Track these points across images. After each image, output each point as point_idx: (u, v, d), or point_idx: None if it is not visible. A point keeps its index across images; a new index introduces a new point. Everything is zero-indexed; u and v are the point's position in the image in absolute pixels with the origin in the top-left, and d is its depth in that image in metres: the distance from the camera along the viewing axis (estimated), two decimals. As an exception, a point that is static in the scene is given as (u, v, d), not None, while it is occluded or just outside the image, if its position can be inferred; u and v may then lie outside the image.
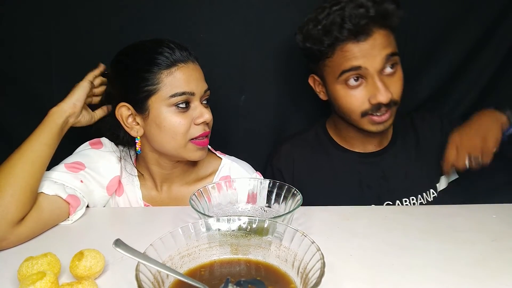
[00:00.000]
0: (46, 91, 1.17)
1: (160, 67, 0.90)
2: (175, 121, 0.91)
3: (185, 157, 0.96)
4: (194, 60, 0.95)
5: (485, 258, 0.71)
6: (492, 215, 0.87)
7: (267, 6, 1.18)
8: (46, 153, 0.86)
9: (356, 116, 1.01)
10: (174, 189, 1.05)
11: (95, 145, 1.01)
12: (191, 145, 0.94)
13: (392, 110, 1.00)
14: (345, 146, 1.13)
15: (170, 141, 0.93)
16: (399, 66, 1.00)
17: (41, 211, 0.82)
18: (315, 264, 0.53)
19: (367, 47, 0.94)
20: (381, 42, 0.95)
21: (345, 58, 0.96)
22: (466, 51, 1.25)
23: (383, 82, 0.96)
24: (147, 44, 0.95)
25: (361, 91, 0.97)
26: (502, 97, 1.27)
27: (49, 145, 0.86)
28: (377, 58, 0.95)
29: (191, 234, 0.62)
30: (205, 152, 0.98)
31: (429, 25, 1.22)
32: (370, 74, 0.96)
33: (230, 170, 1.06)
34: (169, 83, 0.90)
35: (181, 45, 0.94)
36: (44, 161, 0.85)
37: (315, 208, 0.92)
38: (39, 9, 1.14)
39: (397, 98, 0.99)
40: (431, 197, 1.08)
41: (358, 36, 0.94)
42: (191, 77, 0.92)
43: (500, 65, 1.26)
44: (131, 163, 1.04)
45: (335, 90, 1.02)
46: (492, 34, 1.24)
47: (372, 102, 0.97)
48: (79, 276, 0.65)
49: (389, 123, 1.01)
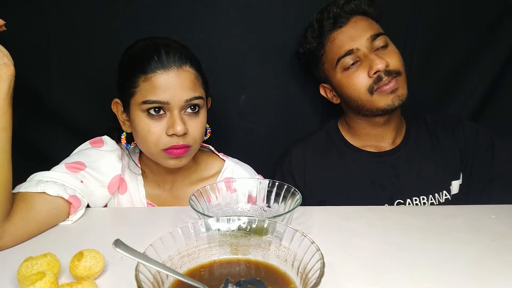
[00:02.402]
0: (46, 91, 1.17)
1: (138, 71, 0.88)
2: (146, 128, 0.89)
3: (160, 163, 0.94)
4: (183, 67, 0.89)
5: (484, 258, 0.71)
6: (492, 215, 0.87)
7: (267, 6, 1.18)
8: (6, 137, 0.78)
9: (366, 96, 1.03)
10: (177, 188, 1.05)
11: (95, 144, 1.01)
12: (163, 153, 0.91)
13: (398, 80, 1.01)
14: (358, 145, 1.13)
15: (143, 146, 0.94)
16: (391, 44, 1.06)
17: (36, 211, 0.81)
18: (315, 264, 0.53)
19: (351, 31, 1.04)
20: (363, 25, 1.04)
21: (336, 47, 1.05)
22: (466, 52, 1.25)
23: (377, 55, 1.02)
24: (142, 43, 0.94)
25: (360, 70, 1.03)
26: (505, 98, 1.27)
27: (4, 127, 0.77)
28: (363, 38, 1.02)
29: (190, 234, 0.62)
30: (181, 161, 0.93)
31: (429, 25, 1.22)
32: (362, 53, 1.02)
33: (233, 172, 1.05)
34: (144, 88, 0.88)
35: (174, 49, 0.90)
36: (6, 149, 0.78)
37: (315, 208, 0.92)
38: (39, 9, 1.14)
39: (395, 67, 1.01)
40: (443, 199, 1.08)
41: (338, 22, 1.05)
42: (170, 85, 0.87)
43: (502, 66, 1.26)
44: (135, 161, 1.04)
45: (338, 81, 1.06)
46: (493, 34, 1.24)
47: (370, 75, 1.01)
48: (78, 276, 0.65)
49: (402, 93, 1.02)
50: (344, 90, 1.06)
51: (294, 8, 1.18)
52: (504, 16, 1.23)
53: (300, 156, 1.14)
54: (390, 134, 1.11)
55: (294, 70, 1.23)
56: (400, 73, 1.02)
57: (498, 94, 1.28)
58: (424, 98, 1.28)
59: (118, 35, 1.12)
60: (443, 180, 1.08)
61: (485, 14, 1.23)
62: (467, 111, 1.28)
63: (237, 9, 1.18)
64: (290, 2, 1.19)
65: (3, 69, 0.78)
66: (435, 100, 1.29)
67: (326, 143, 1.16)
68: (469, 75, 1.27)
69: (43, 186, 0.84)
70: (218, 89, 1.21)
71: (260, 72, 1.23)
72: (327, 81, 1.12)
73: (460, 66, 1.27)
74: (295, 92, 1.26)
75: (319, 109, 1.27)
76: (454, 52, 1.25)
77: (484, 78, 1.27)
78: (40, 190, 0.84)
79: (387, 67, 1.00)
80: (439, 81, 1.27)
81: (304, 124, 1.27)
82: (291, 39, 1.19)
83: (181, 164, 0.94)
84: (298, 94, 1.26)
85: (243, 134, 1.27)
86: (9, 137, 0.79)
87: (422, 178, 1.08)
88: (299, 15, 1.17)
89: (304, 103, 1.27)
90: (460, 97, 1.29)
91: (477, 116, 1.28)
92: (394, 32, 1.09)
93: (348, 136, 1.16)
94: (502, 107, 1.28)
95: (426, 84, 1.27)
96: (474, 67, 1.26)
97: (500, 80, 1.27)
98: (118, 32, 1.14)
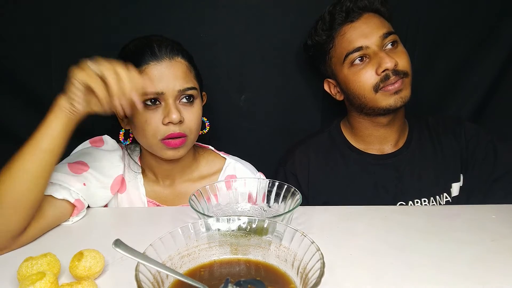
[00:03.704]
0: (46, 91, 1.17)
1: (132, 65, 0.87)
2: (143, 120, 0.91)
3: (159, 155, 0.96)
4: (175, 57, 0.92)
5: (484, 258, 0.71)
6: (492, 215, 0.87)
7: (267, 6, 1.18)
8: (53, 160, 0.76)
9: (370, 94, 1.02)
10: (177, 186, 1.05)
11: (96, 143, 1.01)
12: (161, 144, 0.92)
13: (404, 81, 1.01)
14: (361, 148, 1.13)
15: (141, 139, 0.94)
16: (400, 44, 1.05)
17: (45, 218, 0.81)
18: (314, 264, 0.53)
19: (362, 27, 1.03)
20: (375, 22, 1.03)
21: (346, 42, 1.04)
22: (466, 52, 1.25)
23: (386, 53, 1.01)
24: (135, 41, 0.96)
25: (368, 68, 1.02)
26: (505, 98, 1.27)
27: (55, 151, 0.76)
28: (375, 36, 1.01)
29: (190, 234, 0.62)
30: (179, 151, 0.94)
31: (429, 25, 1.22)
32: (372, 50, 1.01)
33: (235, 170, 1.06)
34: None
35: (166, 42, 0.92)
36: (49, 170, 0.77)
37: (315, 208, 0.92)
38: (39, 9, 1.14)
39: (404, 68, 1.01)
40: (444, 201, 1.08)
41: (350, 17, 1.04)
42: (163, 76, 0.90)
43: (502, 66, 1.25)
44: (135, 160, 1.04)
45: (345, 76, 1.06)
46: (493, 35, 1.24)
47: (378, 73, 1.00)
48: (78, 276, 0.65)
49: (405, 94, 1.02)
50: (350, 86, 1.05)
51: (294, 8, 1.18)
52: (504, 16, 1.23)
53: (303, 157, 1.14)
54: (392, 136, 1.11)
55: (294, 70, 1.23)
56: (408, 74, 1.02)
57: (498, 94, 1.27)
58: (424, 98, 1.28)
59: (118, 35, 1.12)
60: (443, 182, 1.08)
61: (485, 14, 1.23)
62: (467, 111, 1.28)
63: (237, 9, 1.18)
64: (290, 2, 1.19)
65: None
66: (435, 100, 1.29)
67: (328, 145, 1.16)
68: (469, 75, 1.27)
69: (49, 189, 0.84)
70: (218, 89, 1.21)
71: (260, 72, 1.23)
72: (333, 76, 1.11)
73: (460, 66, 1.26)
74: (295, 92, 1.26)
75: (319, 108, 1.27)
76: (454, 52, 1.25)
77: (484, 78, 1.26)
78: (47, 193, 0.84)
79: (396, 66, 0.99)
80: (439, 81, 1.27)
81: (304, 124, 1.27)
82: (291, 39, 1.19)
83: (179, 155, 0.94)
84: (298, 94, 1.26)
85: (243, 134, 1.27)
86: (54, 162, 0.77)
87: (423, 181, 1.08)
88: (299, 15, 1.17)
89: (305, 103, 1.27)
90: (460, 97, 1.28)
91: (477, 116, 1.28)
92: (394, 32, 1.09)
93: (350, 138, 1.15)
94: (502, 107, 1.28)
95: (426, 84, 1.27)
96: (474, 67, 1.26)
97: (500, 80, 1.26)
98: (118, 31, 1.14)
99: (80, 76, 0.73)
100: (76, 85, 0.73)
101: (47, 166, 0.76)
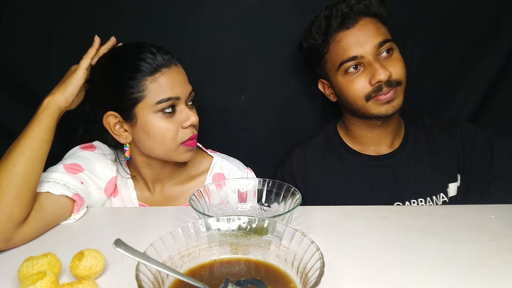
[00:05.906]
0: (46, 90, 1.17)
1: (144, 74, 0.89)
2: (163, 127, 0.91)
3: (175, 159, 0.97)
4: (176, 63, 0.94)
5: (484, 258, 0.71)
6: (491, 215, 0.87)
7: (267, 6, 1.18)
8: (45, 149, 0.86)
9: (361, 102, 1.02)
10: (167, 189, 1.05)
11: (87, 149, 1.01)
12: (181, 147, 0.95)
13: (397, 89, 1.01)
14: (357, 149, 1.13)
15: (160, 146, 0.94)
16: (396, 50, 1.04)
17: (45, 211, 0.83)
18: (314, 264, 0.53)
19: (358, 35, 1.01)
20: (371, 29, 1.01)
21: (341, 49, 1.02)
22: (466, 52, 1.25)
23: (381, 63, 0.99)
24: (129, 49, 0.95)
25: (361, 77, 1.01)
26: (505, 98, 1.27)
27: (47, 141, 0.86)
28: (370, 45, 1.00)
29: (191, 234, 0.62)
30: (194, 152, 0.99)
31: (429, 25, 1.22)
32: (367, 60, 1.00)
33: (222, 167, 1.07)
34: (154, 89, 0.90)
35: (162, 48, 0.93)
36: (43, 158, 0.85)
37: (314, 208, 0.93)
38: (39, 9, 1.14)
39: (398, 77, 1.00)
40: (441, 201, 1.08)
41: (346, 23, 1.01)
42: (175, 81, 0.92)
43: (502, 66, 1.25)
44: (123, 165, 1.04)
45: (338, 83, 1.05)
46: (493, 35, 1.24)
47: (372, 83, 1.00)
48: (79, 276, 0.65)
49: (397, 103, 1.01)
50: (343, 92, 1.05)
51: (295, 8, 1.18)
52: (504, 16, 1.22)
53: (301, 159, 1.14)
54: (388, 137, 1.11)
55: (294, 70, 1.23)
56: (401, 82, 1.01)
57: (498, 94, 1.27)
58: (424, 98, 1.28)
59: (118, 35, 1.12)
60: (440, 182, 1.08)
61: (485, 14, 1.22)
62: (467, 111, 1.28)
63: (237, 9, 1.18)
64: (290, 2, 1.19)
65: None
66: (435, 100, 1.29)
67: (325, 146, 1.16)
68: (469, 75, 1.26)
69: (46, 186, 0.85)
70: (218, 89, 1.22)
71: (260, 72, 1.23)
72: (327, 78, 1.11)
73: (460, 66, 1.26)
74: (294, 92, 1.26)
75: (318, 109, 1.27)
76: (454, 52, 1.25)
77: (484, 78, 1.26)
78: (45, 190, 0.85)
79: (390, 77, 0.98)
80: (439, 81, 1.27)
81: (303, 124, 1.27)
82: (291, 39, 1.19)
83: (194, 155, 0.99)
84: (297, 94, 1.26)
85: (243, 134, 1.27)
86: (47, 151, 0.86)
87: (419, 181, 1.08)
88: (299, 15, 1.17)
89: (304, 103, 1.27)
90: (460, 97, 1.28)
91: (477, 116, 1.28)
92: (394, 32, 1.09)
93: (347, 139, 1.15)
94: (502, 107, 1.28)
95: (426, 84, 1.27)
96: (474, 67, 1.26)
97: (500, 80, 1.26)
98: (118, 33, 1.14)
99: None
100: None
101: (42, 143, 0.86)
